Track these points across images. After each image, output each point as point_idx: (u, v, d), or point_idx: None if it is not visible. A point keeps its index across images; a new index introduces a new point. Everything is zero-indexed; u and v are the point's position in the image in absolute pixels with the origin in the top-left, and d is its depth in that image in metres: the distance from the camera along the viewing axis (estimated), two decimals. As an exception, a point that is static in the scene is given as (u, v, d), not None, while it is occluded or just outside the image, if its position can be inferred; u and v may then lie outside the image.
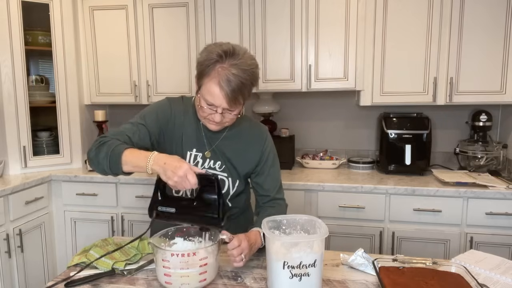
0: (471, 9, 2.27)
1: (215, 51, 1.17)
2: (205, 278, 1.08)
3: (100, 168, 1.19)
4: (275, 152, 1.45)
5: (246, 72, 1.16)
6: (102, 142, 1.21)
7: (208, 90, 1.18)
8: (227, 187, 1.37)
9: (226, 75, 1.14)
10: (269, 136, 1.44)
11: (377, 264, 1.14)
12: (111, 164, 1.16)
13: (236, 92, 1.16)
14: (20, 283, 2.35)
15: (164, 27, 2.71)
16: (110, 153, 1.15)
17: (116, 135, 1.24)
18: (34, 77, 2.75)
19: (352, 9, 2.38)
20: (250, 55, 1.21)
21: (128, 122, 1.31)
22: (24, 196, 2.39)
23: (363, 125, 2.85)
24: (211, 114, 1.22)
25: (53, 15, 2.64)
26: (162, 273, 1.07)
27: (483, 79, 2.31)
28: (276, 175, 1.44)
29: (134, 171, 1.16)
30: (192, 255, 1.04)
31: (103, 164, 1.17)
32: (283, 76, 2.50)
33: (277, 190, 1.43)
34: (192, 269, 1.05)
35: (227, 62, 1.16)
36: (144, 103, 2.80)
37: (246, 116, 1.44)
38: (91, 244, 1.33)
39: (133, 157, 1.14)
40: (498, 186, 2.13)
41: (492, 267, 1.16)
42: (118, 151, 1.15)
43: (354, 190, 2.26)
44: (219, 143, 1.35)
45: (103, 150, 1.17)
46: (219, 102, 1.18)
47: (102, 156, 1.17)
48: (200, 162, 1.35)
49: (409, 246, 2.22)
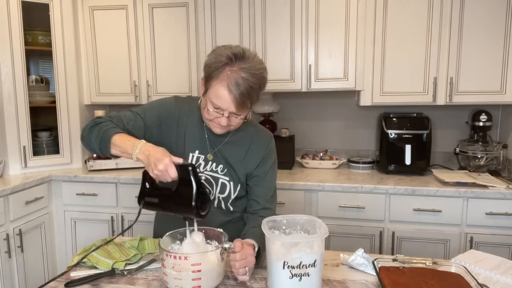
0: (471, 9, 2.27)
1: (224, 53, 1.15)
2: (200, 285, 1.03)
3: (91, 148, 1.23)
4: (275, 161, 1.42)
5: (255, 76, 1.15)
6: (96, 122, 1.25)
7: (216, 93, 1.16)
8: (228, 191, 1.36)
9: (235, 79, 1.12)
10: (272, 143, 1.41)
11: (377, 264, 1.14)
12: (101, 145, 1.19)
13: (244, 96, 1.14)
14: (20, 283, 2.35)
15: (164, 27, 2.71)
16: (101, 134, 1.19)
17: (112, 118, 1.27)
18: (34, 77, 2.75)
19: (352, 9, 2.38)
20: (259, 59, 1.20)
21: (128, 110, 1.32)
22: (24, 196, 2.39)
23: (363, 125, 2.85)
24: (217, 117, 1.21)
25: (53, 15, 2.64)
26: (162, 271, 1.07)
27: (483, 79, 2.31)
28: (270, 184, 1.39)
29: (121, 156, 1.18)
30: (184, 258, 1.01)
31: (94, 144, 1.21)
32: (283, 76, 2.50)
33: (267, 198, 1.38)
34: (185, 273, 1.01)
35: (236, 65, 1.14)
36: (144, 103, 2.80)
37: (252, 121, 1.41)
38: (91, 244, 1.33)
39: (122, 142, 1.16)
40: (498, 186, 2.12)
41: (492, 267, 1.16)
42: (109, 133, 1.18)
43: (354, 190, 2.26)
44: (222, 147, 1.34)
45: (95, 130, 1.21)
46: (226, 106, 1.16)
47: (94, 136, 1.21)
48: (202, 164, 1.34)
49: (409, 246, 2.22)
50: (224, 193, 1.35)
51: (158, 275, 1.18)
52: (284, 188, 2.32)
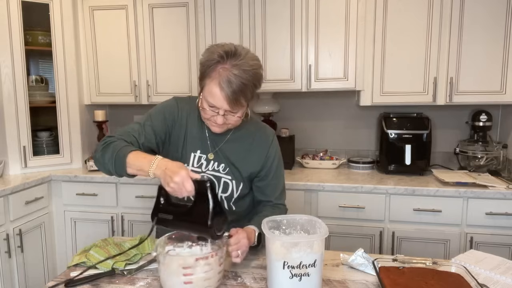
0: (471, 9, 2.27)
1: (216, 51, 1.15)
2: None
3: (106, 169, 1.19)
4: (280, 157, 1.42)
5: (247, 72, 1.14)
6: (108, 142, 1.20)
7: (209, 91, 1.16)
8: (230, 190, 1.36)
9: (227, 76, 1.12)
10: (275, 140, 1.41)
11: (377, 264, 1.14)
12: (116, 166, 1.15)
13: (237, 93, 1.14)
14: (20, 283, 2.35)
15: (164, 27, 2.71)
16: (115, 155, 1.15)
17: (122, 135, 1.23)
18: (34, 77, 2.75)
19: (352, 9, 2.38)
20: (253, 56, 1.19)
21: (135, 123, 1.30)
22: (24, 196, 2.39)
23: (363, 125, 2.85)
24: (213, 116, 1.21)
25: (53, 15, 2.64)
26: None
27: (483, 79, 2.31)
28: (278, 182, 1.41)
29: (138, 174, 1.15)
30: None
31: (108, 165, 1.17)
32: (283, 76, 2.50)
33: (277, 196, 1.40)
34: (175, 276, 1.02)
35: (228, 62, 1.14)
36: (144, 103, 2.80)
37: (254, 119, 1.41)
38: (91, 244, 1.33)
39: (137, 161, 1.13)
40: (498, 186, 2.12)
41: (492, 267, 1.16)
42: (123, 153, 1.14)
43: (354, 190, 2.26)
44: (223, 146, 1.34)
45: (109, 152, 1.17)
46: (220, 104, 1.16)
47: (107, 158, 1.17)
48: (204, 164, 1.34)
49: (409, 246, 2.22)
50: (226, 192, 1.35)
51: (158, 275, 1.18)
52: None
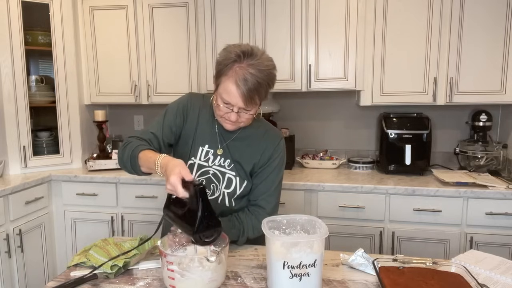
0: (471, 9, 2.27)
1: (233, 51, 1.20)
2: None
3: (128, 170, 1.27)
4: (282, 161, 1.40)
5: (263, 72, 1.19)
6: (127, 143, 1.29)
7: (225, 88, 1.21)
8: (233, 186, 1.37)
9: (243, 74, 1.17)
10: (281, 143, 1.40)
11: (377, 264, 1.14)
12: (133, 166, 1.24)
13: (252, 92, 1.19)
14: (20, 283, 2.35)
15: (164, 27, 2.71)
16: (130, 155, 1.23)
17: (141, 134, 1.33)
18: (34, 77, 2.75)
19: (352, 9, 2.38)
20: (268, 57, 1.24)
21: (155, 120, 1.38)
22: (24, 196, 2.39)
23: (363, 125, 2.85)
24: (227, 113, 1.25)
25: (53, 15, 2.64)
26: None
27: (483, 79, 2.31)
28: (270, 184, 1.37)
29: (150, 172, 1.22)
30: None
31: (127, 165, 1.25)
32: (283, 76, 2.50)
33: (264, 197, 1.36)
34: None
35: (245, 62, 1.18)
36: (144, 103, 2.80)
37: (264, 120, 1.46)
38: (91, 244, 1.33)
39: (146, 161, 1.19)
40: (498, 186, 2.13)
41: (492, 267, 1.16)
42: (135, 153, 1.22)
43: (354, 190, 2.26)
44: (230, 143, 1.37)
45: (126, 152, 1.25)
46: (235, 101, 1.21)
47: (125, 158, 1.25)
48: (211, 158, 1.37)
49: (409, 246, 2.22)
50: (230, 188, 1.37)
51: (158, 275, 1.18)
52: (284, 188, 2.29)
